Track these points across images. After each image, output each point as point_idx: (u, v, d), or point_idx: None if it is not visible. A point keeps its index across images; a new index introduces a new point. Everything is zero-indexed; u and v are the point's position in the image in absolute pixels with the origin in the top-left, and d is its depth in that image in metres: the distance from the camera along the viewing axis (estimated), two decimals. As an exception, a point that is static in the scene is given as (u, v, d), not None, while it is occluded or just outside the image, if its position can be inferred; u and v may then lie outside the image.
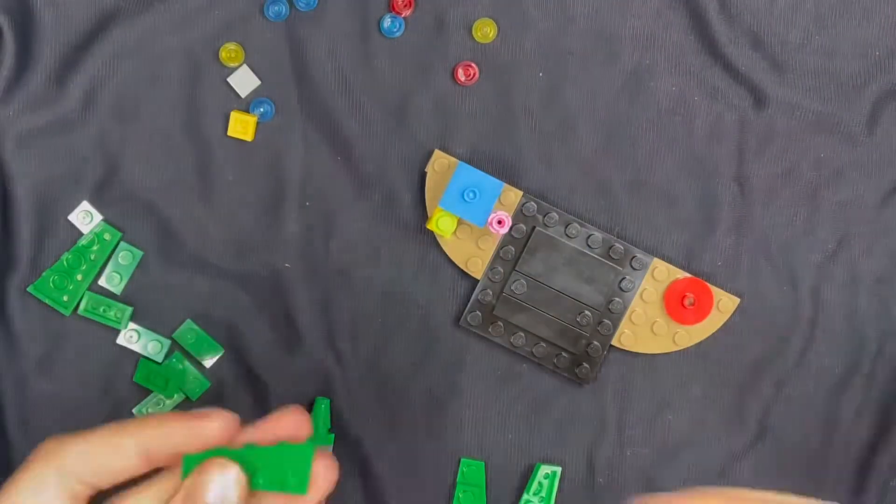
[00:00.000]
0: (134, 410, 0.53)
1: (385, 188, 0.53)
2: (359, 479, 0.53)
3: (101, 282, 0.52)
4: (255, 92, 0.53)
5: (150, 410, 0.52)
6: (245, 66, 0.53)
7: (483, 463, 0.54)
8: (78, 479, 0.37)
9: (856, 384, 0.54)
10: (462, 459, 0.54)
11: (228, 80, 0.53)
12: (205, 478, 0.36)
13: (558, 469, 0.53)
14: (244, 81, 0.53)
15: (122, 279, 0.52)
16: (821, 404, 0.54)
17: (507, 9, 0.53)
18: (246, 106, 0.53)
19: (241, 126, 0.52)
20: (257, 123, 0.53)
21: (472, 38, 0.53)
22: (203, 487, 0.36)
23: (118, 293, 0.52)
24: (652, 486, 0.54)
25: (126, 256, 0.52)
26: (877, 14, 0.54)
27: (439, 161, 0.52)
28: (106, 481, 0.38)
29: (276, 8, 0.53)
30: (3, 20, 0.51)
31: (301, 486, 0.36)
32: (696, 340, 0.53)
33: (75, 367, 0.53)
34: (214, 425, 0.37)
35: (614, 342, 0.53)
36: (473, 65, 0.53)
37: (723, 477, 0.54)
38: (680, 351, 0.53)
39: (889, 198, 0.54)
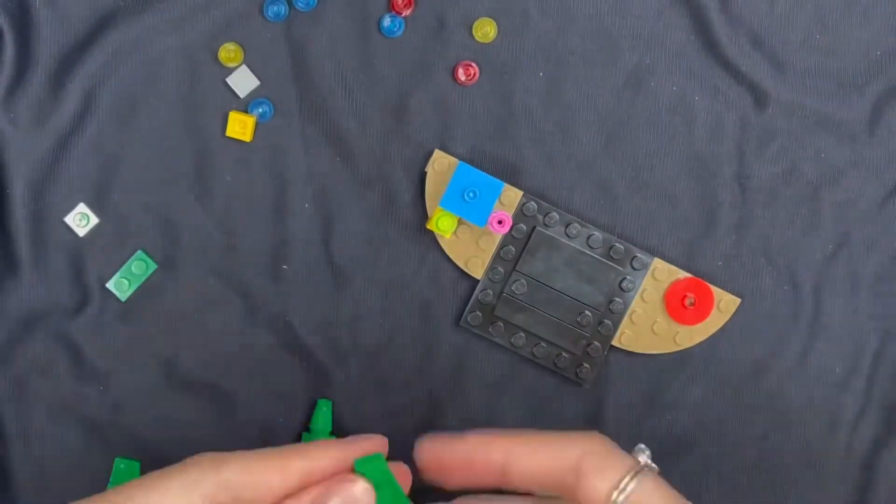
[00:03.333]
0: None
1: (385, 188, 0.53)
2: (359, 480, 0.53)
3: (109, 285, 0.52)
4: (254, 92, 0.53)
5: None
6: (244, 67, 0.52)
7: None
8: (233, 491, 0.38)
9: (857, 384, 0.54)
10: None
11: (227, 80, 0.52)
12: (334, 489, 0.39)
13: None
14: (243, 82, 0.53)
15: (129, 286, 0.52)
16: (822, 405, 0.54)
17: (508, 8, 0.53)
18: (245, 106, 0.53)
19: (240, 126, 0.52)
20: (256, 124, 0.53)
21: (473, 38, 0.53)
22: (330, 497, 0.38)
23: (123, 300, 0.52)
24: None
25: (140, 266, 0.52)
26: (878, 14, 0.54)
27: (439, 161, 0.52)
28: (258, 498, 0.39)
29: (276, 8, 0.52)
30: (3, 22, 0.51)
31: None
32: (697, 341, 0.53)
33: (74, 369, 0.53)
34: (365, 445, 0.40)
35: (615, 342, 0.53)
36: (474, 64, 0.53)
37: (724, 477, 0.54)
38: (680, 351, 0.53)
39: (890, 197, 0.54)
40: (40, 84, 0.52)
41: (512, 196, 0.52)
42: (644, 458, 0.39)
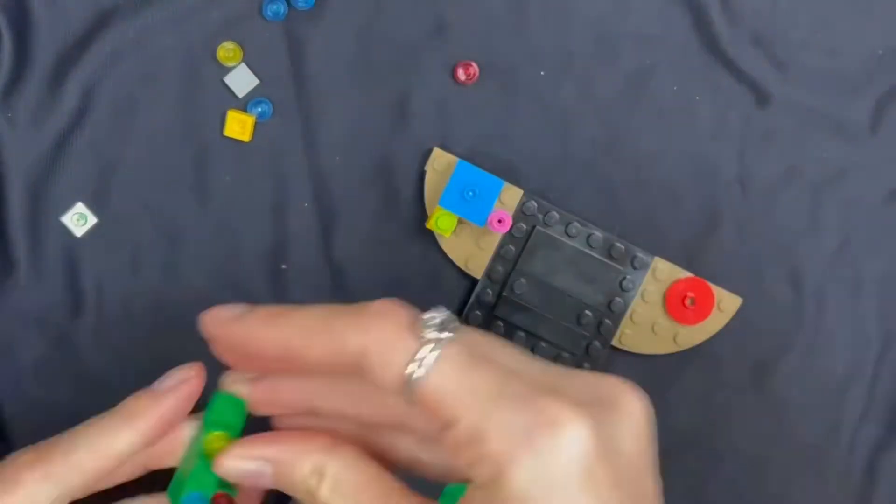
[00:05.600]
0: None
1: (385, 188, 0.53)
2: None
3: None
4: (253, 92, 0.53)
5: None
6: (243, 65, 0.52)
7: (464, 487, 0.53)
8: (69, 488, 0.38)
9: (859, 385, 0.54)
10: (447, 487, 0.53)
11: (225, 79, 0.52)
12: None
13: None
14: (242, 81, 0.52)
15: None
16: (824, 405, 0.54)
17: (508, 7, 0.53)
18: (243, 106, 0.53)
19: (239, 126, 0.52)
20: (255, 123, 0.52)
21: (472, 37, 0.53)
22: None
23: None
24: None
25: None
26: (880, 12, 0.54)
27: (439, 159, 0.52)
28: (103, 482, 0.39)
29: (274, 7, 0.52)
30: (1, 21, 0.51)
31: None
32: (698, 341, 0.53)
33: (73, 370, 0.52)
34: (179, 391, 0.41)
35: (615, 342, 0.53)
36: (474, 64, 0.53)
37: (725, 478, 0.54)
38: (681, 351, 0.53)
39: (892, 197, 0.54)
40: (38, 83, 0.51)
41: (512, 195, 0.52)
42: (433, 334, 0.33)
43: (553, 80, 0.53)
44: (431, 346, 0.33)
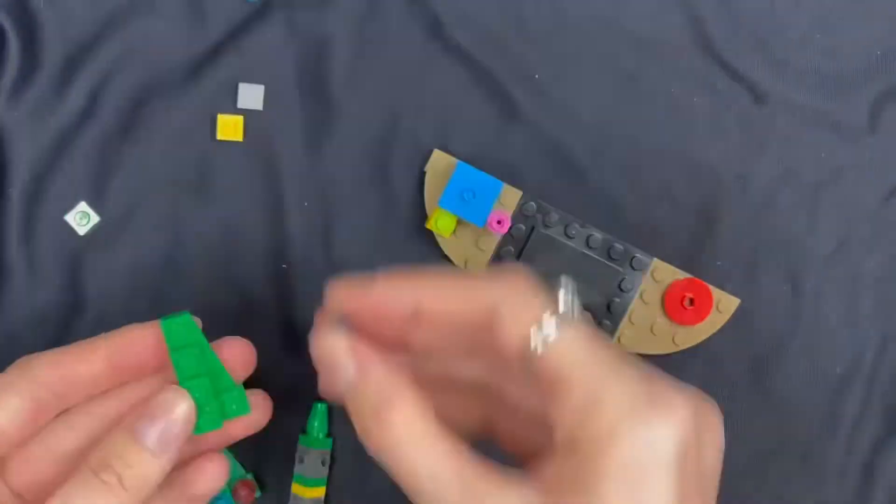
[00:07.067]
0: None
1: (385, 188, 0.53)
2: (358, 482, 0.53)
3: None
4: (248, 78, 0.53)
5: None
6: (260, 86, 0.53)
7: None
8: (46, 388, 0.40)
9: (857, 385, 0.54)
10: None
11: (239, 85, 0.52)
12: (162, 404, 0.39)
13: None
14: (249, 96, 0.52)
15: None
16: (822, 405, 0.54)
17: (505, 9, 0.53)
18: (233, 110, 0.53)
19: (231, 127, 0.52)
20: (245, 121, 0.52)
21: (470, 38, 0.53)
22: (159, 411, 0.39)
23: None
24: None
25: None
26: (878, 13, 0.54)
27: (439, 161, 0.52)
28: (74, 391, 0.41)
29: (275, 7, 0.52)
30: (6, 22, 0.51)
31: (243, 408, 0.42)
32: (696, 341, 0.53)
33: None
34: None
35: (614, 343, 0.53)
36: (473, 65, 0.53)
37: (723, 478, 0.54)
38: (680, 352, 0.53)
39: (890, 197, 0.54)
40: (44, 84, 0.52)
41: (511, 196, 0.52)
42: (564, 296, 0.35)
43: (550, 81, 0.53)
44: (560, 314, 0.34)
